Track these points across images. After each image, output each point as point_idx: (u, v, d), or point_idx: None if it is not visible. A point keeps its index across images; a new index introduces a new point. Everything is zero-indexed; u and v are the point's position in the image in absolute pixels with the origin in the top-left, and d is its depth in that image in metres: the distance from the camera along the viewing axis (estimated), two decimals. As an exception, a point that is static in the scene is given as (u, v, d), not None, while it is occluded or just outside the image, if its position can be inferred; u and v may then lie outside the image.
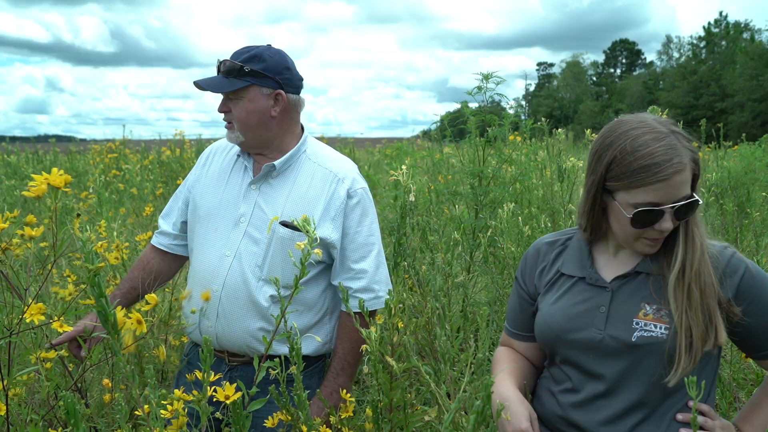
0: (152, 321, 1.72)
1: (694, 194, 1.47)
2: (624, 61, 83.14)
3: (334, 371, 2.10)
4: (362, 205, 2.09)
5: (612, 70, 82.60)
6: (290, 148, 2.15)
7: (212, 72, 2.13)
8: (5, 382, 1.41)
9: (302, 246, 1.54)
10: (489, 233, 3.02)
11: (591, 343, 1.54)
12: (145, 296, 1.76)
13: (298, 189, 2.10)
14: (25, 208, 5.54)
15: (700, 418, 1.48)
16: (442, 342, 1.66)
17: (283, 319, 1.71)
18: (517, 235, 3.10)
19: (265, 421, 1.73)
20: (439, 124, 3.73)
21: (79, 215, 1.70)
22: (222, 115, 2.13)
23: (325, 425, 1.80)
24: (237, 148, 2.21)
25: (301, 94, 2.19)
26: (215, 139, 2.28)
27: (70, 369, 2.07)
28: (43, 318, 1.55)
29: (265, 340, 1.75)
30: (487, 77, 3.39)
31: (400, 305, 2.45)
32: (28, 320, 1.55)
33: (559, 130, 4.89)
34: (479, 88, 3.44)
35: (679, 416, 1.49)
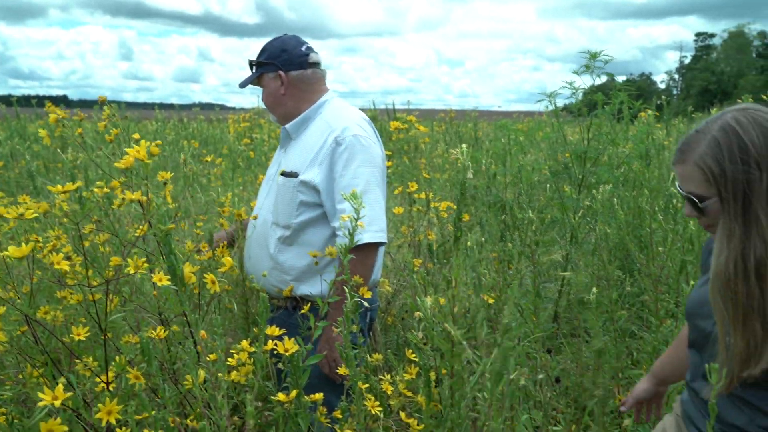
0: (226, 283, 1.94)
1: (701, 194, 1.39)
2: (797, 30, 75.04)
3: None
4: (349, 150, 2.31)
5: (782, 41, 74.89)
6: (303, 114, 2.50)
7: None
8: (105, 326, 1.66)
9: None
10: (580, 213, 3.01)
11: (703, 332, 1.50)
12: (222, 259, 2.01)
13: (304, 143, 2.42)
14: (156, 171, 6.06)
15: None
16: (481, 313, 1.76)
17: (285, 258, 2.24)
18: (611, 216, 3.05)
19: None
20: (545, 99, 3.69)
21: (166, 183, 1.92)
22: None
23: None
24: None
25: (322, 66, 2.56)
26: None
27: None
28: (144, 272, 1.81)
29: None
30: (594, 56, 3.32)
31: (474, 279, 2.53)
32: (131, 272, 1.81)
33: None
34: (587, 67, 3.39)
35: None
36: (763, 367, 1.32)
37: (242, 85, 2.55)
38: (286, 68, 2.47)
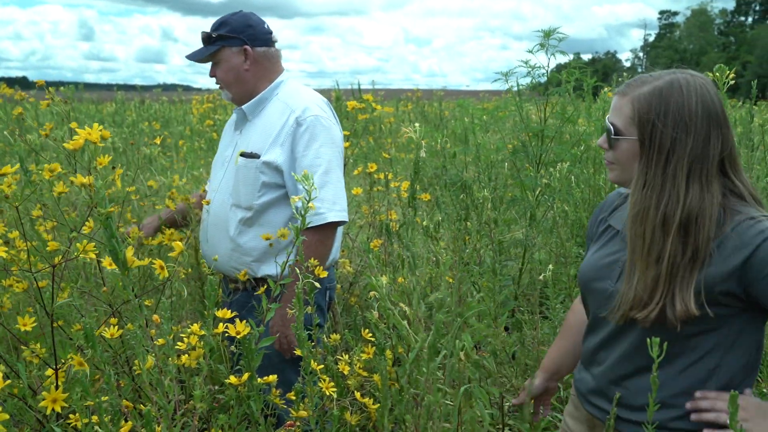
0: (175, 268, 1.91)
1: (620, 128, 1.42)
2: (757, 8, 76.16)
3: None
4: (311, 131, 2.30)
5: (743, 19, 76.00)
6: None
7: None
8: (51, 311, 1.63)
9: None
10: (538, 192, 3.03)
11: (604, 294, 1.50)
12: (172, 243, 1.98)
13: (263, 124, 2.38)
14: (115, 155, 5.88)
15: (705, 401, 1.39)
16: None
17: (245, 240, 2.20)
18: (568, 194, 3.08)
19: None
20: (502, 78, 3.68)
21: (114, 167, 1.88)
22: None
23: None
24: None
25: (276, 46, 2.51)
26: (323, 90, 2.58)
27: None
28: (93, 256, 1.79)
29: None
30: (548, 34, 3.33)
31: (434, 259, 2.54)
32: (80, 256, 1.78)
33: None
34: (541, 45, 3.39)
35: (688, 405, 1.39)
36: (646, 315, 1.37)
37: (193, 57, 2.44)
38: (253, 43, 2.41)
